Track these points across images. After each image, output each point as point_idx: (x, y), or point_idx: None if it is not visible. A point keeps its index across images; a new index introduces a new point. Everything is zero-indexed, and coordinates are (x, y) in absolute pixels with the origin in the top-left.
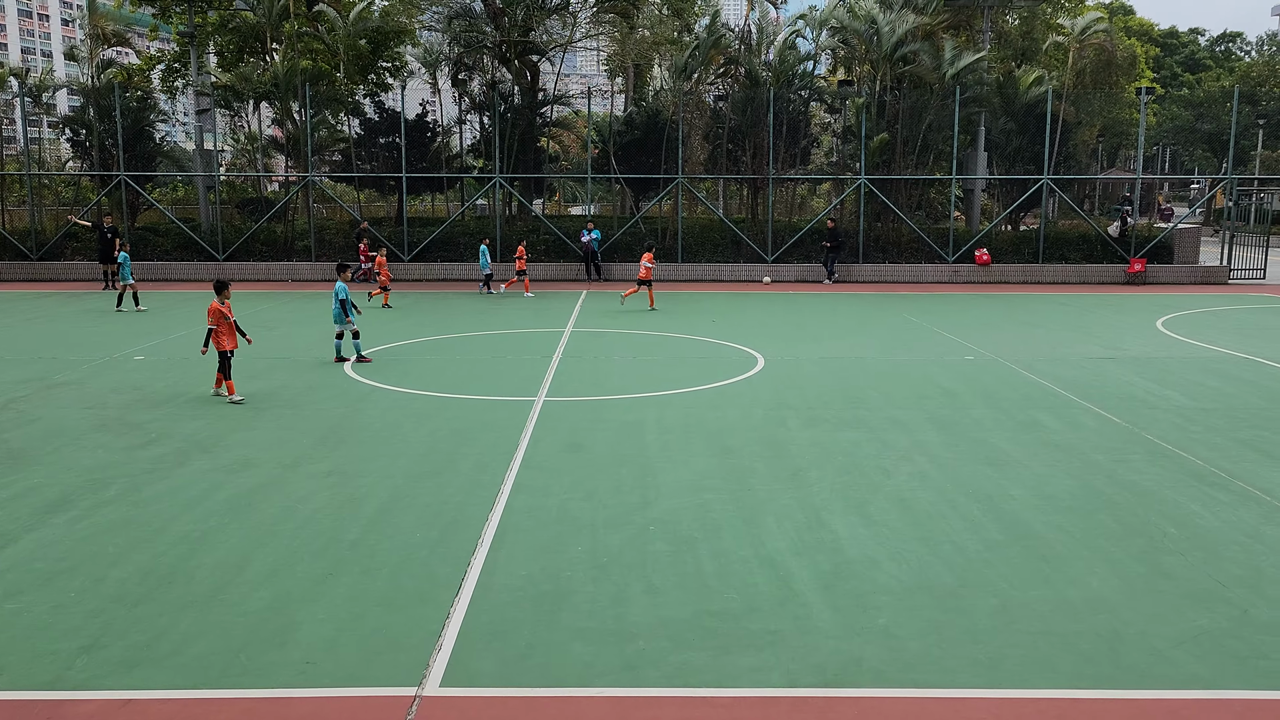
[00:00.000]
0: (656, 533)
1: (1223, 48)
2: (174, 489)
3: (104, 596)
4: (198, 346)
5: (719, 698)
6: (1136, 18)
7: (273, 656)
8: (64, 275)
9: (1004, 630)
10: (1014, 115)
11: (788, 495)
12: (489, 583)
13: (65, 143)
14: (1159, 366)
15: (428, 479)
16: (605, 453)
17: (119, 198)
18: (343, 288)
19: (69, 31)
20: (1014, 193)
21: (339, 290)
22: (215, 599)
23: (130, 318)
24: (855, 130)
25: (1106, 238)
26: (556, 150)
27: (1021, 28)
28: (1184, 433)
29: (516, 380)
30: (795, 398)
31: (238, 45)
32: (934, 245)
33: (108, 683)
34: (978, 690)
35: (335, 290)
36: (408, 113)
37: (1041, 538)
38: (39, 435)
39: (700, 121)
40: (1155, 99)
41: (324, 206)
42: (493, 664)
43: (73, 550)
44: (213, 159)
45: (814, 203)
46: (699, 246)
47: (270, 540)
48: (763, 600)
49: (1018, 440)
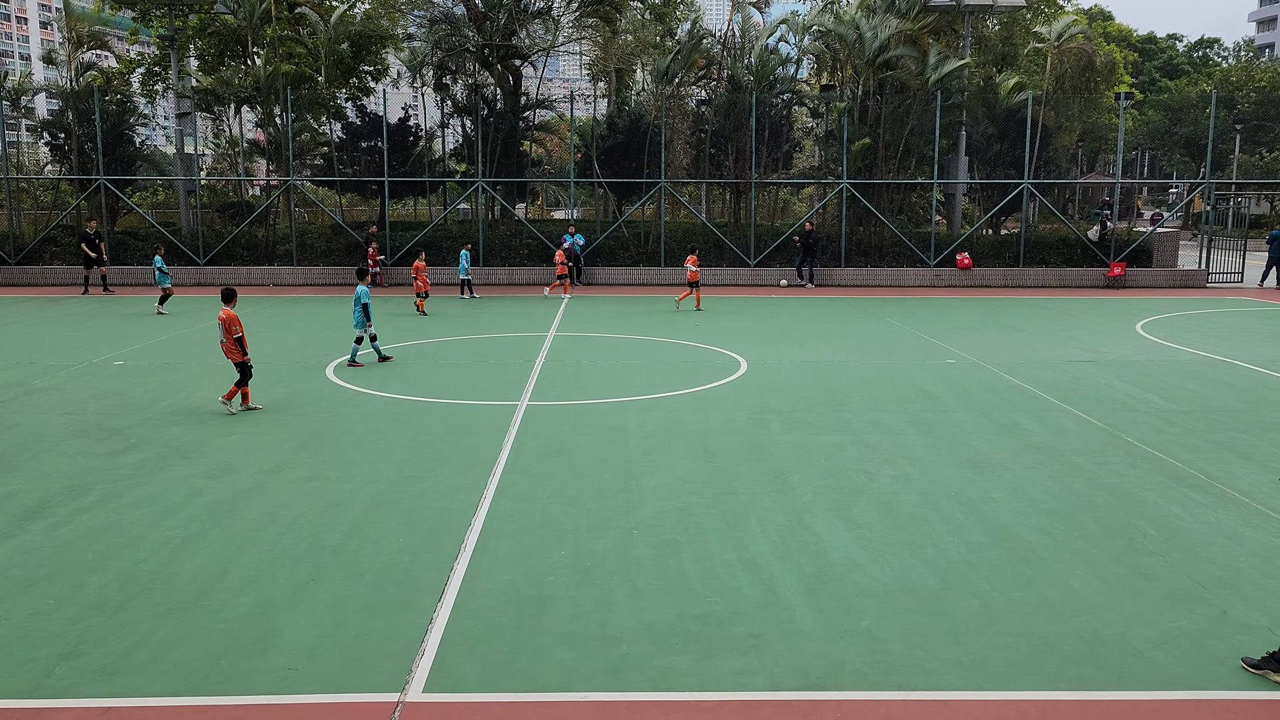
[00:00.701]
0: (640, 537)
1: (1200, 53)
2: (154, 495)
3: (83, 603)
4: (179, 351)
5: (703, 701)
6: (1115, 24)
7: (254, 663)
8: (42, 280)
9: (986, 632)
10: (995, 120)
11: (771, 498)
12: (472, 588)
13: (44, 146)
14: (1139, 369)
15: (410, 484)
16: (588, 457)
17: (99, 202)
18: (365, 291)
19: (48, 34)
20: (995, 197)
21: (361, 294)
22: (196, 605)
23: (111, 321)
24: (837, 135)
25: (1086, 241)
26: (539, 154)
27: (1001, 33)
28: (1163, 435)
29: (499, 384)
30: (778, 401)
31: (218, 49)
32: (915, 249)
33: (87, 690)
34: (961, 692)
35: (356, 294)
36: (390, 116)
37: (1023, 540)
38: (17, 441)
39: (683, 125)
40: (1134, 104)
41: (306, 210)
42: (476, 669)
43: (52, 557)
44: (193, 163)
45: (796, 207)
46: (682, 250)
47: (251, 546)
48: (746, 603)
49: (999, 443)
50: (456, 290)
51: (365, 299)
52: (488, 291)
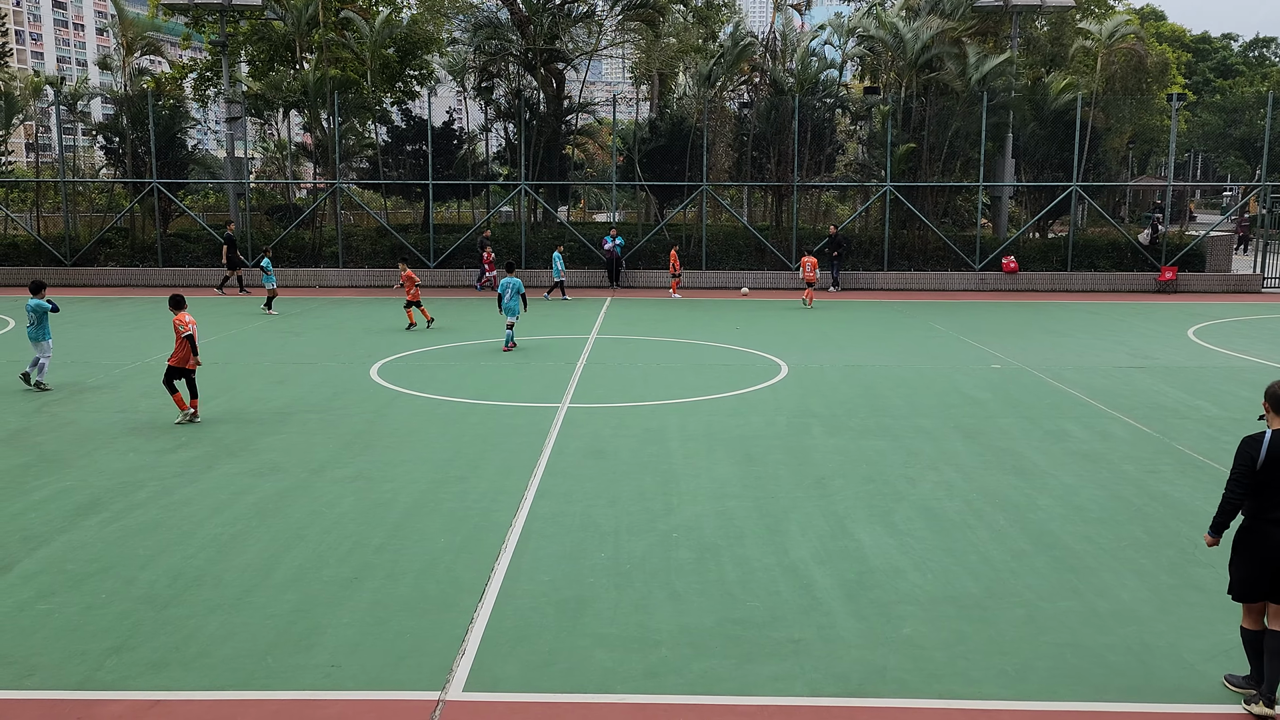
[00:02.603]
0: (680, 540)
1: (1256, 53)
2: (203, 492)
3: (134, 598)
4: (228, 351)
5: (741, 706)
6: (1168, 24)
7: (299, 659)
8: (97, 281)
9: (1031, 641)
10: (1043, 122)
11: (811, 503)
12: (512, 588)
13: (99, 150)
14: (1190, 376)
15: (452, 484)
16: (629, 459)
17: (151, 204)
18: (519, 283)
19: (103, 40)
20: (1042, 200)
21: (516, 285)
22: (243, 602)
23: (164, 322)
24: (880, 137)
25: (1137, 245)
26: (581, 158)
27: (1050, 34)
28: (1215, 443)
29: (540, 386)
30: (819, 405)
31: (268, 54)
32: (960, 253)
33: (137, 683)
34: (1004, 702)
35: (509, 284)
36: (434, 120)
37: (1069, 548)
38: (72, 439)
39: (725, 129)
40: (1187, 105)
41: (351, 213)
42: (516, 669)
43: (104, 552)
44: (243, 166)
45: (839, 210)
46: (723, 254)
47: (297, 544)
48: (786, 608)
49: (1045, 450)
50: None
51: (520, 289)
52: (530, 294)
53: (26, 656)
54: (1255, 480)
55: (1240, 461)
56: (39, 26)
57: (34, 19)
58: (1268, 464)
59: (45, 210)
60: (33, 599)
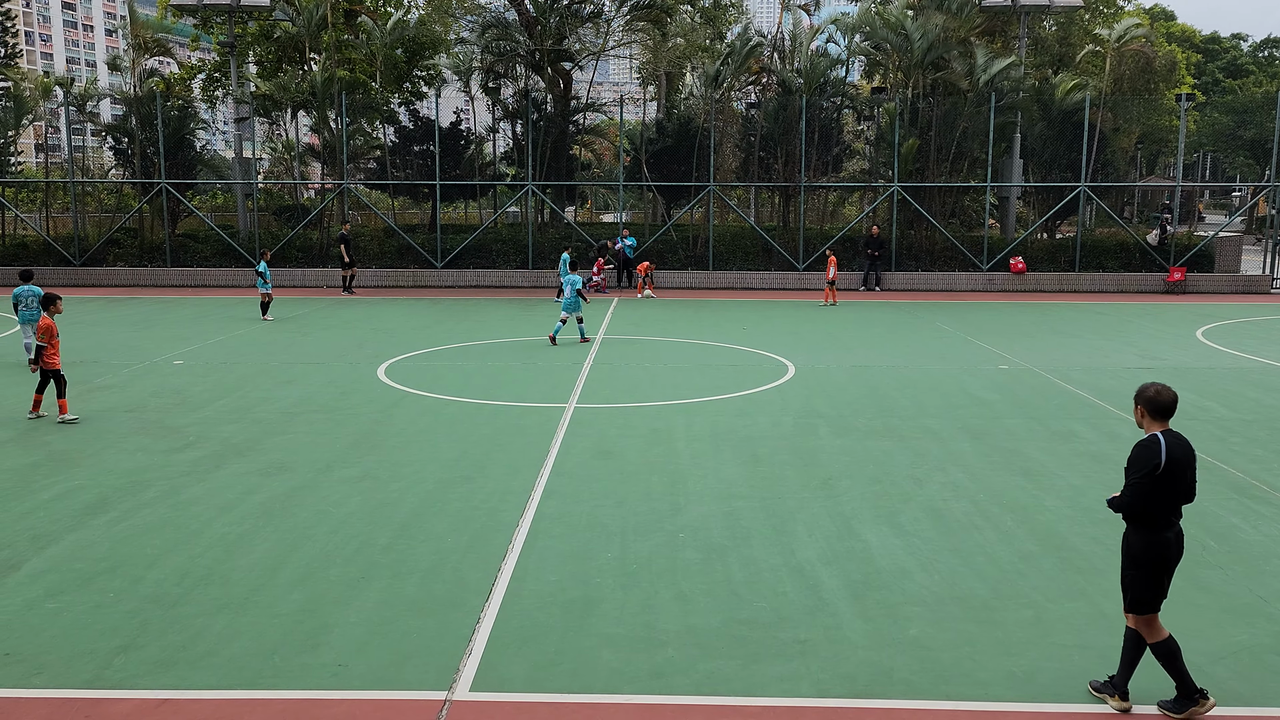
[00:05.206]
0: (686, 540)
1: (1266, 53)
2: (211, 492)
3: (142, 597)
4: (236, 351)
5: (748, 706)
6: (1178, 24)
7: (305, 658)
8: (106, 281)
9: (1038, 643)
10: (1050, 122)
11: (818, 504)
12: (519, 588)
13: (108, 151)
14: (1199, 377)
15: (459, 484)
16: (635, 460)
17: (160, 205)
18: (577, 279)
19: (112, 41)
20: (1050, 200)
21: (575, 281)
22: (250, 601)
23: (172, 322)
24: (888, 137)
25: (1146, 246)
26: (588, 158)
27: (1058, 34)
28: (1224, 444)
29: (547, 386)
30: (826, 406)
31: (276, 55)
32: (968, 253)
33: (144, 682)
34: (1012, 704)
35: (571, 281)
36: (442, 120)
37: (1077, 549)
38: (81, 437)
39: (732, 129)
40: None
41: (359, 213)
42: (522, 669)
43: (112, 551)
44: (251, 167)
45: (846, 210)
46: (730, 254)
47: (304, 544)
48: (792, 609)
49: (1052, 450)
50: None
51: (579, 284)
52: (540, 294)
53: (35, 655)
54: (1155, 485)
55: (1140, 468)
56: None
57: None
58: (1168, 466)
59: (54, 210)
60: (41, 598)
